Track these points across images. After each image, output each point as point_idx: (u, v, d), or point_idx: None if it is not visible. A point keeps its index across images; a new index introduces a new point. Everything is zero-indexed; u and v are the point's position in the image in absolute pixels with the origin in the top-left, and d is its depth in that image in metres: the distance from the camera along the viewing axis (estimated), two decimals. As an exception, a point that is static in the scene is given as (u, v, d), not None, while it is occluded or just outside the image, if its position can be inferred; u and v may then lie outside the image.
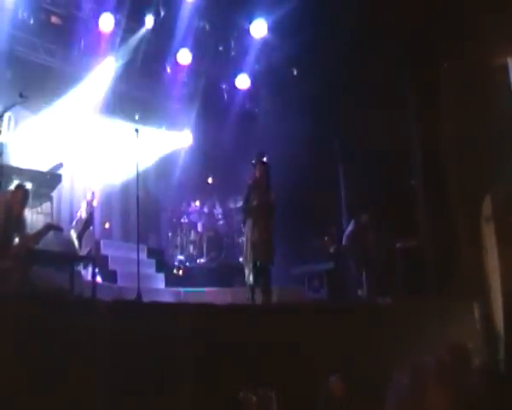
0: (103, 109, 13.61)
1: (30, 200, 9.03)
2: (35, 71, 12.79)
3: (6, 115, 10.85)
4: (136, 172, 10.01)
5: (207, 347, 7.22)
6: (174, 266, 13.31)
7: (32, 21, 12.54)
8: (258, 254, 10.02)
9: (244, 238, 10.39)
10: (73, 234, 9.99)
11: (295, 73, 14.51)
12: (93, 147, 13.35)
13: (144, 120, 13.94)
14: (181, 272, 13.12)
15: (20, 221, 8.57)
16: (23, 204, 8.74)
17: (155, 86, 14.94)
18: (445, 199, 10.87)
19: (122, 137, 12.75)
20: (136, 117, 14.04)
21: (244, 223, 10.40)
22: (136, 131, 9.99)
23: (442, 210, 10.89)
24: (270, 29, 14.09)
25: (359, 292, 11.68)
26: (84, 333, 6.43)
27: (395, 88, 11.92)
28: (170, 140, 15.33)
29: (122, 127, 13.23)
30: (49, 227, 9.01)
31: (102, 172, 13.43)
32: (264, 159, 10.56)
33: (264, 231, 10.06)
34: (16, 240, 8.40)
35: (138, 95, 14.55)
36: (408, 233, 11.75)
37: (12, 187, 8.97)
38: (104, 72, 13.49)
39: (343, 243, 12.13)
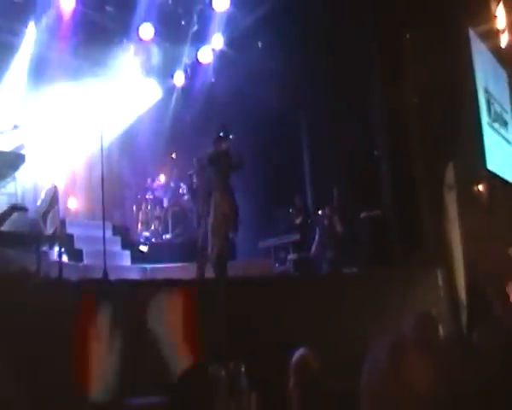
0: (65, 86, 13.42)
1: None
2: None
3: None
4: (100, 148, 9.89)
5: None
6: (140, 243, 13.29)
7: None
8: (229, 226, 10.10)
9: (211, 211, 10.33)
10: (38, 214, 9.92)
11: (260, 45, 14.43)
12: (56, 124, 13.21)
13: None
14: (146, 248, 13.11)
15: None
16: None
17: (118, 62, 14.76)
18: (408, 169, 10.96)
19: (85, 113, 12.60)
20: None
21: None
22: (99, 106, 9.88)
23: (405, 180, 10.98)
24: (232, 2, 13.98)
25: (325, 263, 11.79)
26: (51, 314, 6.40)
27: (358, 61, 11.95)
28: (133, 114, 15.17)
29: (85, 102, 13.06)
30: (13, 208, 8.93)
31: (66, 149, 13.31)
32: (222, 133, 10.51)
33: (233, 202, 10.13)
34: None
35: (101, 74, 14.36)
36: (372, 203, 11.84)
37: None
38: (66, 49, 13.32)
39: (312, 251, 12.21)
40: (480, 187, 12.15)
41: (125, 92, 14.64)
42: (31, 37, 13.22)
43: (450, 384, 1.62)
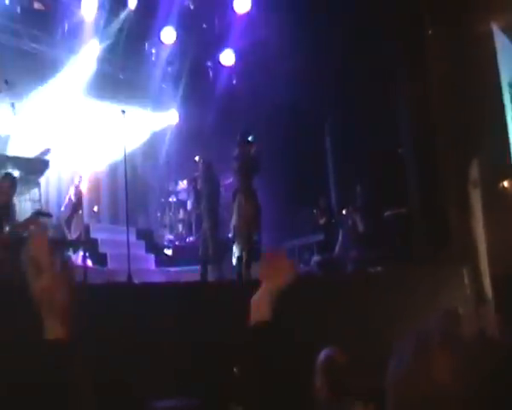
0: (89, 92, 13.56)
1: (18, 188, 9.03)
2: (19, 57, 12.73)
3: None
4: (123, 154, 9.98)
5: (198, 324, 7.25)
6: (164, 246, 13.33)
7: (14, 8, 12.48)
8: (253, 227, 10.14)
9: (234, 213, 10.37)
10: (62, 219, 9.99)
11: (283, 46, 14.43)
12: (80, 131, 13.32)
13: (130, 100, 13.86)
14: (170, 251, 13.14)
15: (8, 210, 8.58)
16: (11, 193, 8.76)
17: (140, 67, 14.86)
18: (433, 166, 10.88)
19: (108, 120, 12.71)
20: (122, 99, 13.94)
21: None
22: (123, 112, 9.94)
23: (430, 177, 10.90)
24: (254, 3, 13.97)
25: (349, 263, 11.72)
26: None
27: (382, 60, 11.90)
28: (156, 120, 15.30)
29: (108, 109, 13.19)
30: (37, 214, 9.02)
31: (90, 155, 13.40)
32: (250, 138, 10.52)
33: (256, 203, 10.17)
34: (6, 229, 8.41)
35: (123, 76, 14.47)
36: (397, 202, 11.78)
37: (-1, 176, 8.98)
38: (88, 55, 13.44)
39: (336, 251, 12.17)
40: (506, 183, 12.01)
41: (149, 95, 14.74)
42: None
43: (476, 383, 1.57)
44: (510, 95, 12.00)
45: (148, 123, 14.96)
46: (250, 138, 10.46)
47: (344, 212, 12.37)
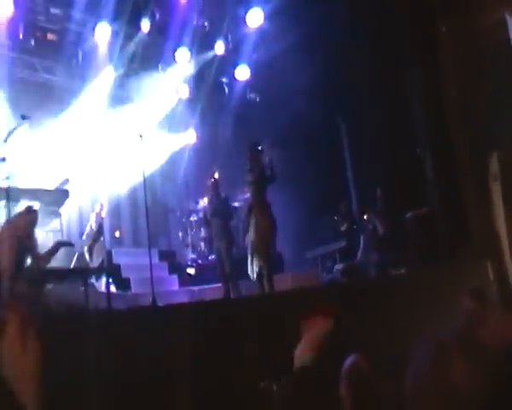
0: (105, 118, 13.64)
1: (39, 219, 9.12)
2: (36, 90, 12.91)
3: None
4: (142, 178, 10.03)
5: (223, 340, 7.26)
6: (187, 266, 13.37)
7: (28, 41, 12.62)
8: (270, 241, 10.13)
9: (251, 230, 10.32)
10: (84, 247, 10.08)
11: (296, 59, 14.46)
12: (98, 157, 13.42)
13: (146, 123, 13.95)
14: (193, 270, 13.17)
15: (31, 243, 8.68)
16: (33, 227, 8.85)
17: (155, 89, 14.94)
18: (452, 163, 10.81)
19: (126, 144, 12.76)
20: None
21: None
22: (140, 136, 9.99)
23: (450, 174, 10.84)
24: (266, 17, 14.02)
25: (372, 268, 11.67)
26: (100, 345, 6.46)
27: (397, 61, 11.90)
28: (174, 141, 15.33)
29: (125, 134, 13.25)
30: (59, 244, 9.12)
31: (109, 181, 13.49)
32: (259, 147, 10.49)
33: (271, 216, 10.14)
34: (28, 261, 8.50)
35: (139, 99, 14.56)
36: (417, 202, 11.73)
37: (20, 210, 9.06)
38: (103, 81, 13.56)
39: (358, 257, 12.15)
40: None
41: (166, 117, 14.80)
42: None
43: (496, 386, 1.57)
44: (527, 85, 11.88)
45: (166, 145, 14.99)
46: (260, 147, 10.43)
47: (365, 217, 12.32)
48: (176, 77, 15.02)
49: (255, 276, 9.96)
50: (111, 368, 6.41)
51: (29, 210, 8.94)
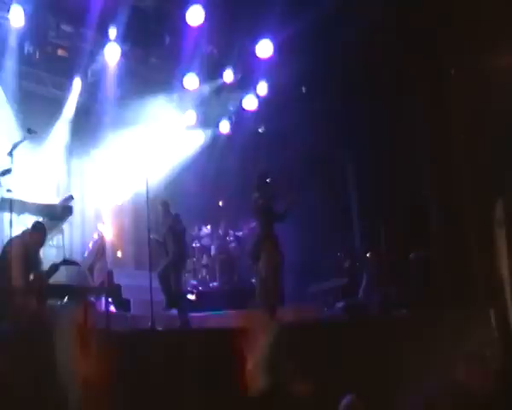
0: (110, 138, 13.66)
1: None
2: (43, 104, 12.94)
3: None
4: (146, 202, 10.00)
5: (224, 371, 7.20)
6: (187, 292, 13.29)
7: (38, 55, 12.60)
8: (280, 273, 10.04)
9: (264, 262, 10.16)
10: (85, 266, 10.04)
11: (304, 90, 14.49)
12: (103, 177, 13.42)
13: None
14: (194, 296, 13.10)
15: (36, 260, 8.71)
16: (42, 245, 8.89)
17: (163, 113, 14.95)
18: (457, 207, 10.80)
19: (132, 164, 12.72)
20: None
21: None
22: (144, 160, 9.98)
23: (454, 218, 10.82)
24: (276, 49, 14.07)
25: (373, 306, 11.60)
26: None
27: (404, 102, 11.93)
28: (179, 166, 15.27)
29: (129, 156, 13.23)
30: (64, 263, 9.14)
31: (113, 201, 13.48)
32: (268, 180, 10.39)
33: (280, 249, 10.02)
34: (31, 277, 8.51)
35: (146, 125, 14.54)
36: (421, 243, 11.69)
37: (29, 226, 9.05)
38: (111, 101, 13.57)
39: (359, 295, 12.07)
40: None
41: (170, 142, 14.79)
42: (76, 90, 13.50)
43: None
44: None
45: (172, 169, 14.94)
46: (268, 180, 10.34)
47: (368, 255, 12.28)
48: (183, 103, 15.03)
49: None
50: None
51: (39, 227, 8.94)
